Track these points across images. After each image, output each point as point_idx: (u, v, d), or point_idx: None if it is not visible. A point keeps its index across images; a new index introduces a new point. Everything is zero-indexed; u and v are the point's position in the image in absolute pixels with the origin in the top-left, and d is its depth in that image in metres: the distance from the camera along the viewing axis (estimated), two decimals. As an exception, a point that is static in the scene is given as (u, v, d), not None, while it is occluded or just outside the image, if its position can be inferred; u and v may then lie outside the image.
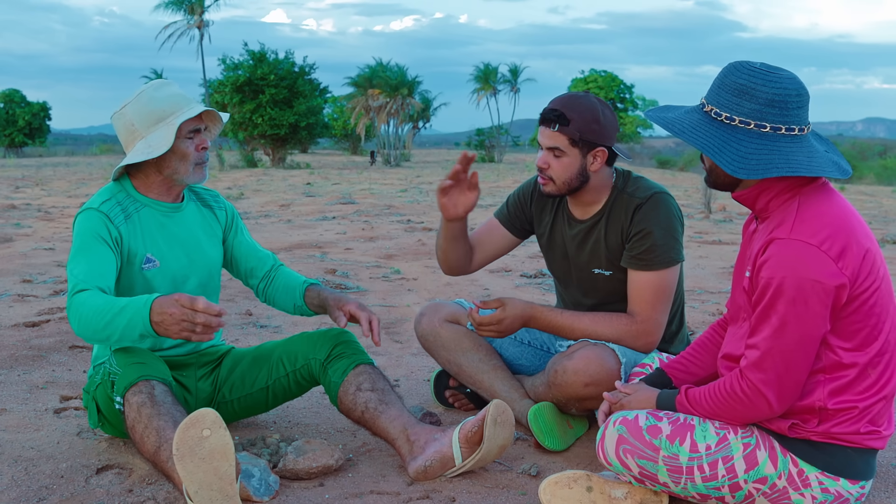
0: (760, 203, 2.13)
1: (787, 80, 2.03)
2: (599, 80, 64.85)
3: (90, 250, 2.49)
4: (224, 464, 2.05)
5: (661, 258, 2.71)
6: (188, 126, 2.59)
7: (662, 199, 2.76)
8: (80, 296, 2.36)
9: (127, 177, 2.69)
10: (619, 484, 2.27)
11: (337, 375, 2.66)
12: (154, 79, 10.09)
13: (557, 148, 2.71)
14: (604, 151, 2.73)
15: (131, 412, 2.35)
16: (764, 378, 2.04)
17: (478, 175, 2.77)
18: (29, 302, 5.11)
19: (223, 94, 40.11)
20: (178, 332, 2.20)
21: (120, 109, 2.63)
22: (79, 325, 2.35)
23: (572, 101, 2.71)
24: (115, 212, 2.58)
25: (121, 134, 2.63)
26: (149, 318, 2.22)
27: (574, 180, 2.75)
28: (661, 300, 2.73)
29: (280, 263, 2.98)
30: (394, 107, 47.39)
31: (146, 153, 2.54)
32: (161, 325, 2.21)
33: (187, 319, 2.18)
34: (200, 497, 2.05)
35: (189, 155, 2.61)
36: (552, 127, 2.70)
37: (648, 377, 2.49)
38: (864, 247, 2.03)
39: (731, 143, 2.04)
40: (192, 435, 2.03)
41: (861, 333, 2.05)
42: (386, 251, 7.94)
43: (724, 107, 2.06)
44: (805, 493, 2.12)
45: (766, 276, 2.01)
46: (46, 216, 11.28)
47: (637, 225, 2.74)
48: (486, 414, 2.41)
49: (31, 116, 70.39)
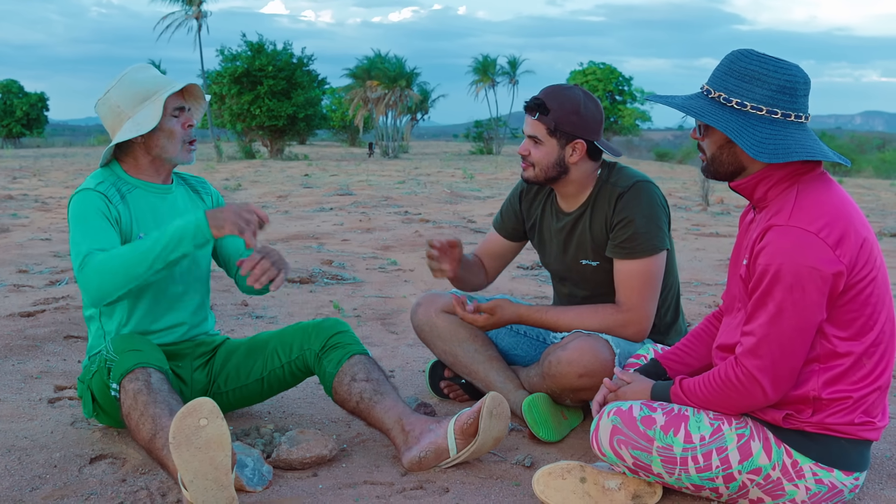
0: (759, 192, 2.13)
1: (794, 68, 2.03)
2: (598, 72, 64.70)
3: (94, 225, 2.51)
4: (220, 454, 2.05)
5: (644, 246, 2.71)
6: (172, 104, 2.62)
7: (644, 186, 2.77)
8: (96, 254, 2.43)
9: (116, 161, 2.71)
10: (613, 475, 2.27)
11: (332, 366, 2.66)
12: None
13: (536, 136, 2.76)
14: (583, 144, 2.75)
15: (127, 399, 2.35)
16: (759, 364, 2.04)
17: (457, 243, 2.92)
18: (24, 292, 5.10)
19: (221, 85, 39.98)
20: (235, 224, 2.41)
21: (104, 95, 2.66)
22: (102, 277, 2.40)
23: (556, 92, 2.76)
24: (111, 192, 2.61)
25: (107, 119, 2.65)
26: (205, 219, 2.41)
27: (551, 169, 2.78)
28: (646, 288, 2.73)
29: None
30: (392, 98, 47.29)
31: (135, 130, 2.57)
32: (217, 221, 2.42)
33: (242, 215, 2.42)
34: (195, 486, 2.04)
35: (176, 132, 2.64)
36: (533, 115, 2.77)
37: (643, 368, 2.49)
38: (861, 235, 2.03)
39: (746, 127, 2.03)
40: (189, 424, 2.03)
41: (857, 323, 2.05)
42: (383, 242, 7.93)
43: (734, 92, 2.05)
44: (799, 485, 2.12)
45: (764, 262, 2.01)
46: (43, 206, 11.26)
47: (619, 213, 2.75)
48: (482, 406, 2.41)
49: (28, 107, 70.21)
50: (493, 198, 13.46)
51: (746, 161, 2.12)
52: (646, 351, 2.68)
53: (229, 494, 2.07)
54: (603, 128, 2.83)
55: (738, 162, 2.13)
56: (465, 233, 8.76)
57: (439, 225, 9.31)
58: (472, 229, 9.04)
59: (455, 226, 9.31)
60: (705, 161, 2.19)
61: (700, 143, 2.19)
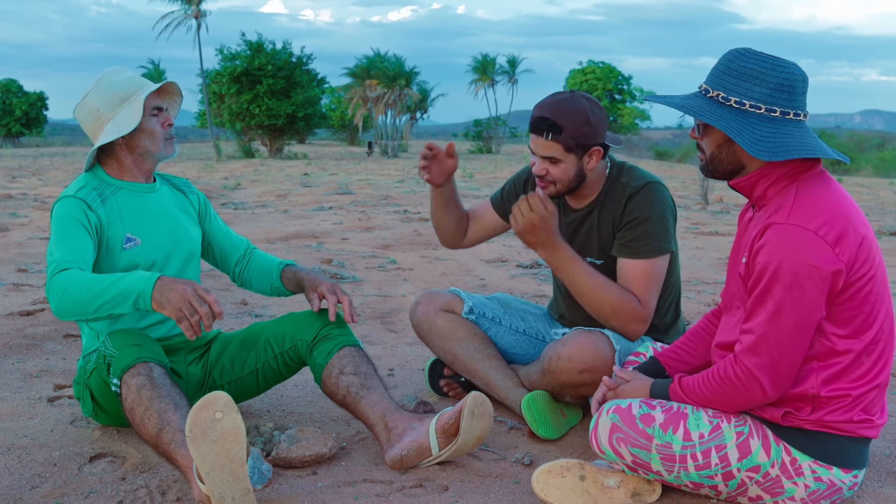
0: (759, 190, 2.13)
1: (792, 66, 2.03)
2: (597, 71, 64.73)
3: (69, 235, 2.51)
4: (236, 446, 2.05)
5: (651, 246, 2.70)
6: (151, 103, 2.64)
7: (655, 188, 2.76)
8: (63, 273, 2.38)
9: (99, 165, 2.72)
10: (613, 472, 2.27)
11: (321, 357, 2.66)
12: (151, 69, 9.88)
13: (553, 157, 2.69)
14: (599, 150, 2.72)
15: (130, 394, 2.34)
16: (758, 363, 2.04)
17: (454, 145, 2.88)
18: (24, 291, 5.10)
19: (220, 84, 40.00)
20: (177, 310, 2.23)
21: (82, 100, 2.67)
22: (61, 299, 2.34)
23: (561, 107, 2.66)
24: (91, 197, 2.61)
25: (87, 123, 2.66)
26: (153, 285, 2.26)
27: (573, 181, 2.75)
28: (650, 286, 2.72)
29: (254, 247, 3.02)
30: (391, 97, 47.31)
31: (116, 132, 2.58)
32: (163, 295, 2.25)
33: (192, 303, 2.23)
34: (212, 479, 2.05)
35: (156, 132, 2.66)
36: (545, 136, 2.66)
37: (642, 366, 2.49)
38: (860, 233, 2.03)
39: (746, 126, 2.03)
40: (205, 417, 2.03)
41: (856, 320, 2.05)
42: (382, 241, 7.93)
43: (732, 91, 2.05)
44: (798, 482, 2.12)
45: (763, 260, 2.01)
46: (42, 206, 11.27)
47: (629, 214, 2.74)
48: (464, 406, 2.41)
49: (27, 106, 70.22)
50: (493, 197, 13.45)
51: (746, 159, 2.12)
52: (645, 349, 2.69)
53: (245, 486, 2.08)
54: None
55: (737, 160, 2.13)
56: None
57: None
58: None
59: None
60: (704, 160, 2.19)
61: (699, 143, 2.20)
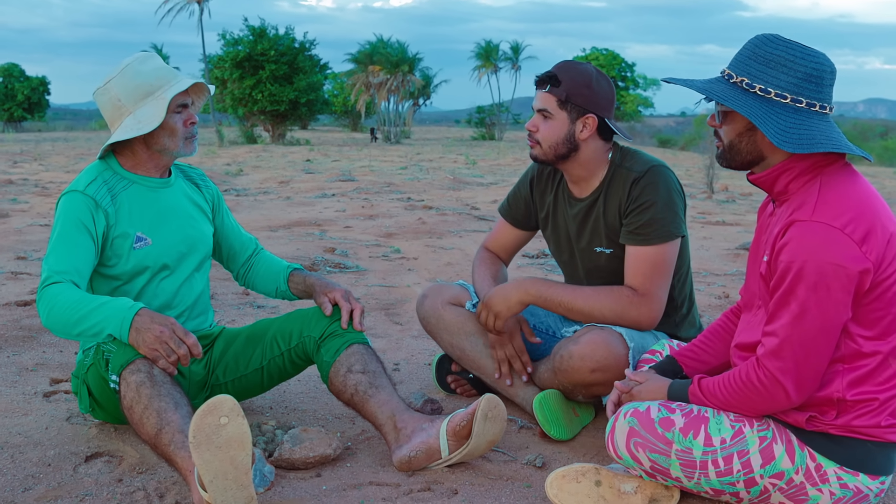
0: (780, 184, 2.03)
1: (822, 56, 1.94)
2: (601, 58, 64.66)
3: (69, 240, 2.43)
4: (241, 453, 1.97)
5: (658, 232, 2.62)
6: (176, 100, 2.52)
7: (660, 171, 2.68)
8: (53, 287, 2.33)
9: (112, 154, 2.61)
10: (629, 478, 2.18)
11: (329, 355, 2.57)
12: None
13: (546, 109, 2.69)
14: (594, 119, 2.67)
15: (129, 392, 2.26)
16: (782, 367, 1.95)
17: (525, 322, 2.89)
18: (22, 280, 5.01)
19: (223, 69, 39.95)
20: (152, 349, 2.25)
21: (104, 85, 2.54)
22: (48, 316, 2.32)
23: (568, 66, 2.71)
24: (101, 193, 2.51)
25: (106, 110, 2.55)
26: (131, 321, 2.25)
27: (561, 145, 2.69)
28: (658, 274, 2.63)
29: (261, 248, 2.95)
30: (394, 83, 47.20)
31: (136, 129, 2.46)
32: (139, 334, 2.25)
33: (169, 345, 2.25)
34: (215, 486, 1.97)
35: (178, 130, 2.55)
36: (543, 88, 2.70)
37: (658, 365, 2.41)
38: (888, 231, 1.94)
39: (770, 115, 1.94)
40: (210, 422, 1.95)
41: (883, 321, 1.96)
42: (386, 229, 7.84)
43: (757, 78, 1.95)
44: (823, 489, 2.03)
45: (787, 259, 1.91)
46: (43, 191, 11.18)
47: (635, 199, 2.66)
48: (477, 408, 2.33)
49: (30, 91, 70.18)
50: (497, 184, 13.37)
51: (767, 150, 2.02)
52: (661, 347, 2.60)
53: (248, 494, 2.00)
54: (614, 107, 2.75)
55: (757, 151, 2.04)
56: (468, 220, 8.67)
57: (442, 212, 9.21)
58: (476, 216, 8.96)
59: (458, 213, 9.22)
60: (721, 148, 2.10)
61: (717, 130, 2.10)
